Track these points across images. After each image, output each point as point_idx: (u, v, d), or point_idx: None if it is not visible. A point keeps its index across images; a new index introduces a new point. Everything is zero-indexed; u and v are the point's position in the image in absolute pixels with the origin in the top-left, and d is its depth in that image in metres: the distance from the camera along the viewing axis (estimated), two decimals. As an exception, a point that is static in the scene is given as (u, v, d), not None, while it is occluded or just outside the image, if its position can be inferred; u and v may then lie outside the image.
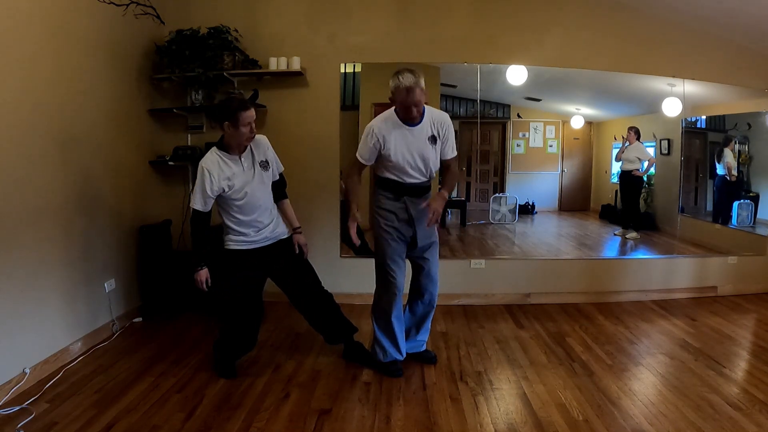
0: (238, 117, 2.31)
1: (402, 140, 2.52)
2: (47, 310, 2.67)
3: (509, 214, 4.74)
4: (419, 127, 2.53)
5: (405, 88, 2.36)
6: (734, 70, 4.03)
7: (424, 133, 2.54)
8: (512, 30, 3.85)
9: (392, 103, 2.51)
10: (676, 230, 4.39)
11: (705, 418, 2.21)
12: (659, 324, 3.50)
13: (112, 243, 3.28)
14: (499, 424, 2.18)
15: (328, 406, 2.33)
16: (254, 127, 2.40)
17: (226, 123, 2.34)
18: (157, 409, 2.28)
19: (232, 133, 2.36)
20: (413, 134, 2.52)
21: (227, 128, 2.35)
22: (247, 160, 2.48)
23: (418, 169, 2.58)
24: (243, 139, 2.38)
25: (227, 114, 2.32)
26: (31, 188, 2.55)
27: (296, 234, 2.71)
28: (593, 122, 5.11)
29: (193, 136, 3.88)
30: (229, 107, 2.33)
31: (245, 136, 2.37)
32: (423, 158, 2.56)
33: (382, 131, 2.51)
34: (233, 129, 2.34)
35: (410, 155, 2.54)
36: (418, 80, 2.37)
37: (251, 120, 2.36)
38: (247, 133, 2.37)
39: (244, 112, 2.32)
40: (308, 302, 2.70)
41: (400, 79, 2.37)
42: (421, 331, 2.83)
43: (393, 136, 2.51)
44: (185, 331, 3.27)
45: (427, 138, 2.55)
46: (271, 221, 2.58)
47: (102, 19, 3.10)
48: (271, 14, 3.80)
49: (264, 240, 2.56)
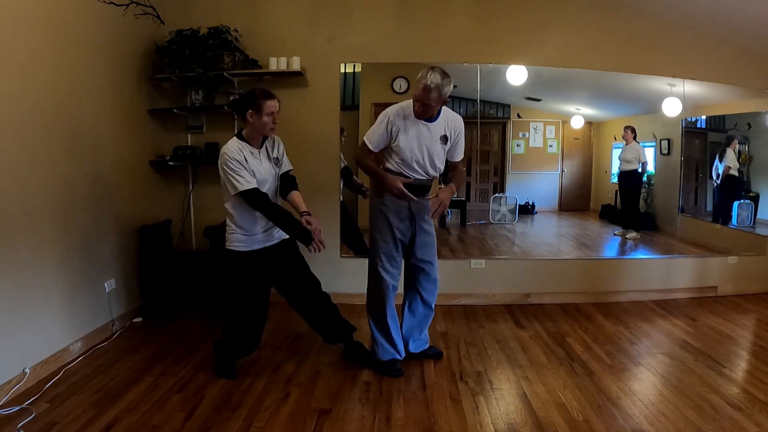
0: (261, 105, 2.32)
1: (414, 134, 2.51)
2: (47, 310, 2.67)
3: (509, 214, 4.74)
4: (434, 124, 2.53)
5: (424, 85, 2.35)
6: (734, 70, 4.03)
7: (437, 131, 2.55)
8: (512, 30, 3.85)
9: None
10: (676, 230, 4.39)
11: (705, 418, 2.21)
12: (659, 324, 3.50)
13: (112, 243, 3.28)
14: (499, 424, 2.18)
15: (328, 406, 2.33)
16: (276, 118, 2.39)
17: (249, 111, 2.34)
18: (157, 409, 2.28)
19: (255, 122, 2.35)
20: (428, 130, 2.52)
21: (250, 117, 2.35)
22: (264, 155, 2.48)
23: (423, 165, 2.57)
24: (266, 129, 2.38)
25: (251, 102, 2.33)
26: (31, 188, 2.55)
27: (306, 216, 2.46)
28: (593, 122, 5.11)
29: (193, 136, 3.88)
30: (253, 95, 2.34)
31: (268, 125, 2.37)
32: (430, 155, 2.56)
33: (397, 120, 2.49)
34: (256, 117, 2.33)
35: (419, 150, 2.53)
36: (443, 86, 2.37)
37: (275, 110, 2.36)
38: (270, 123, 2.36)
39: (269, 100, 2.33)
40: (307, 303, 2.69)
41: (426, 75, 2.35)
42: (424, 330, 2.84)
43: (407, 127, 2.50)
44: (185, 331, 3.27)
45: (440, 137, 2.55)
46: None
47: (102, 19, 3.10)
48: (271, 14, 3.80)
49: (273, 239, 2.55)
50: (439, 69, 2.37)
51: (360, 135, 4.20)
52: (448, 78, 2.39)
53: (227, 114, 3.79)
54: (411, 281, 2.77)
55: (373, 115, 4.11)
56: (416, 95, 2.41)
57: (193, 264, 3.62)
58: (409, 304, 2.80)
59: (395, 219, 2.60)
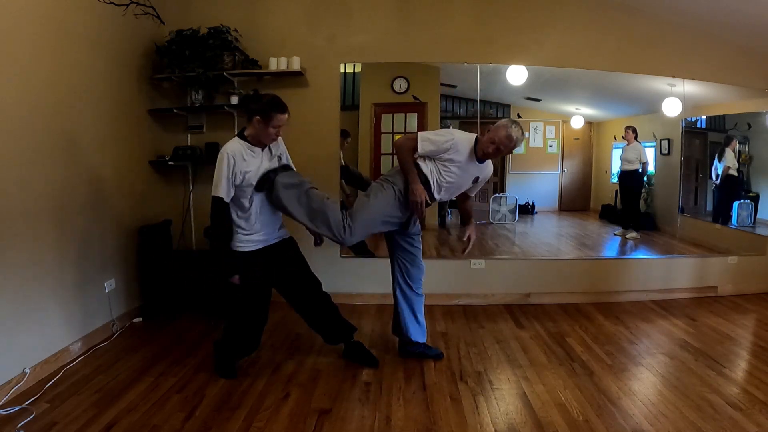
0: (271, 117, 2.33)
1: (466, 169, 2.60)
2: (47, 310, 2.67)
3: (509, 214, 4.74)
4: (479, 166, 2.64)
5: (510, 136, 2.48)
6: (734, 70, 4.03)
7: (476, 172, 2.66)
8: (512, 30, 3.85)
9: (483, 136, 2.58)
10: (676, 230, 4.40)
11: (705, 418, 2.21)
12: (659, 324, 3.50)
13: (112, 243, 3.28)
14: (499, 424, 2.18)
15: (328, 406, 2.33)
16: (281, 132, 2.42)
17: (257, 118, 2.34)
18: (157, 409, 2.28)
19: (259, 129, 2.36)
20: (474, 168, 2.63)
21: (256, 123, 2.35)
22: (266, 154, 2.49)
23: (447, 194, 2.67)
24: (268, 139, 2.40)
25: (262, 110, 2.33)
26: (31, 188, 2.55)
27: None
28: (593, 122, 5.11)
29: (193, 136, 3.88)
30: (266, 104, 2.34)
31: (271, 136, 2.39)
32: (459, 189, 2.69)
33: (460, 147, 2.54)
34: (262, 125, 2.34)
35: (457, 185, 2.64)
36: (521, 140, 2.55)
37: (282, 123, 2.37)
38: (273, 135, 2.39)
39: (280, 114, 2.34)
40: (307, 303, 2.69)
41: (512, 126, 2.49)
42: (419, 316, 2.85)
43: (464, 161, 2.57)
44: (185, 331, 3.27)
45: (475, 177, 2.67)
46: (279, 218, 2.59)
47: (102, 19, 3.10)
48: (271, 14, 3.80)
49: (273, 238, 2.55)
50: (519, 124, 2.52)
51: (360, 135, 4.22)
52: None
53: (227, 114, 3.79)
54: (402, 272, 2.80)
55: (374, 115, 4.12)
56: (496, 139, 2.50)
57: (193, 264, 3.61)
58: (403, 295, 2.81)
59: (400, 207, 2.60)
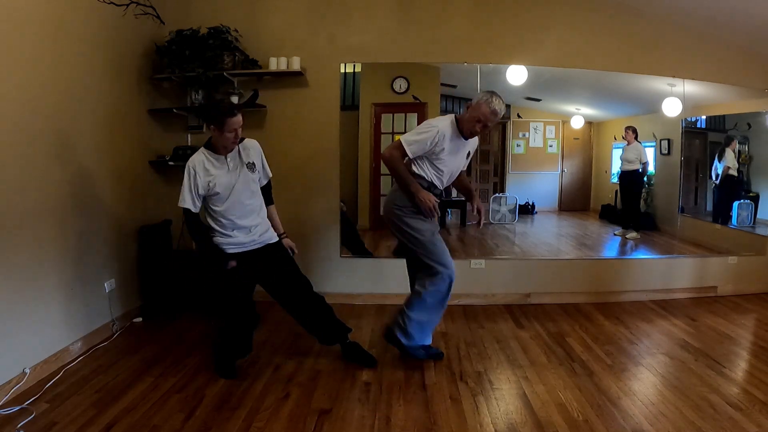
0: (223, 122, 2.36)
1: (454, 149, 2.62)
2: (47, 310, 2.67)
3: (509, 214, 4.74)
4: (469, 141, 2.68)
5: (495, 111, 2.52)
6: (734, 70, 4.03)
7: (466, 148, 2.70)
8: (512, 30, 3.85)
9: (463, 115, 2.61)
10: (676, 230, 4.40)
11: (705, 418, 2.21)
12: (659, 324, 3.50)
13: (112, 243, 3.28)
14: (499, 424, 2.18)
15: (328, 406, 2.33)
16: (239, 133, 2.44)
17: (212, 126, 2.40)
18: (157, 409, 2.28)
19: (217, 137, 2.42)
20: (463, 146, 2.67)
21: (213, 131, 2.41)
22: (234, 160, 2.51)
23: (450, 178, 2.71)
24: (227, 143, 2.44)
25: (214, 117, 2.38)
26: (31, 188, 2.55)
27: (284, 239, 2.75)
28: (593, 122, 5.11)
29: (193, 136, 3.88)
30: (216, 111, 2.39)
31: (229, 140, 2.43)
32: (458, 169, 2.73)
33: (445, 133, 2.56)
34: (218, 132, 2.39)
35: (455, 166, 2.68)
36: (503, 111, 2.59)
37: (237, 126, 2.40)
38: (231, 138, 2.42)
39: (230, 118, 2.37)
40: (298, 304, 2.70)
41: (493, 100, 2.52)
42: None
43: (453, 143, 2.60)
44: (185, 331, 3.27)
45: (466, 153, 2.72)
46: (258, 224, 2.59)
47: (102, 19, 3.10)
48: (271, 14, 3.80)
49: (252, 243, 2.57)
50: (497, 94, 2.55)
51: (360, 135, 4.22)
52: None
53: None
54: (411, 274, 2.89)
55: (374, 115, 4.12)
56: (481, 117, 2.52)
57: (193, 264, 3.61)
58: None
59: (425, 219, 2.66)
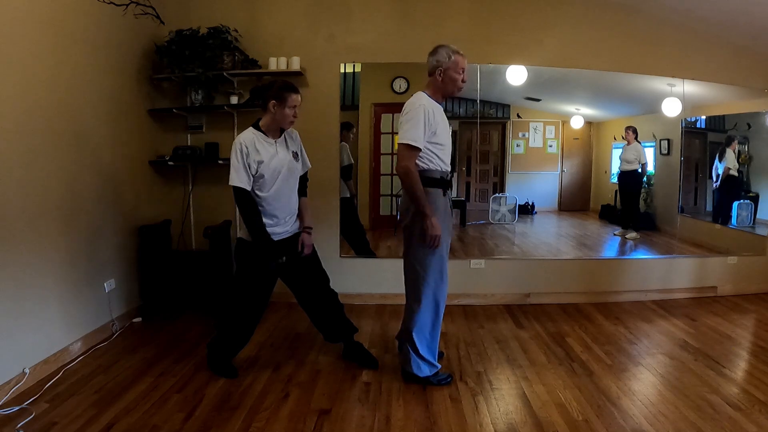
0: (286, 98, 2.35)
1: (441, 117, 2.37)
2: (47, 310, 2.67)
3: (509, 214, 4.74)
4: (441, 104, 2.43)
5: (463, 57, 2.30)
6: (734, 70, 4.03)
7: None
8: (512, 30, 3.85)
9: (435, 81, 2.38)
10: (676, 230, 4.40)
11: (705, 418, 2.21)
12: (659, 324, 3.50)
13: (112, 243, 3.28)
14: (499, 424, 2.18)
15: (328, 406, 2.33)
16: (297, 113, 2.43)
17: (272, 102, 2.36)
18: (157, 409, 2.28)
19: (277, 113, 2.38)
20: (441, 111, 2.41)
21: (272, 107, 2.37)
22: (282, 146, 2.49)
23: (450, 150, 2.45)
24: (286, 121, 2.42)
25: (275, 93, 2.36)
26: (31, 188, 2.55)
27: (304, 233, 2.60)
28: (593, 122, 5.11)
29: (193, 136, 3.88)
30: (278, 87, 2.37)
31: (288, 118, 2.41)
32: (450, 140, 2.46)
33: (432, 107, 2.30)
34: (279, 108, 2.36)
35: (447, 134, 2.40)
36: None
37: (297, 103, 2.40)
38: (290, 116, 2.40)
39: (293, 94, 2.38)
40: (313, 297, 2.69)
41: (452, 47, 2.33)
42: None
43: (438, 113, 2.35)
44: (185, 331, 3.27)
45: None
46: (294, 215, 2.58)
47: (102, 19, 3.10)
48: (270, 14, 3.80)
49: (285, 233, 2.54)
50: (440, 45, 2.37)
51: (360, 135, 4.22)
52: None
53: (227, 114, 3.79)
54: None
55: (374, 115, 4.12)
56: (457, 68, 2.32)
57: (193, 264, 3.61)
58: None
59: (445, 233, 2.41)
